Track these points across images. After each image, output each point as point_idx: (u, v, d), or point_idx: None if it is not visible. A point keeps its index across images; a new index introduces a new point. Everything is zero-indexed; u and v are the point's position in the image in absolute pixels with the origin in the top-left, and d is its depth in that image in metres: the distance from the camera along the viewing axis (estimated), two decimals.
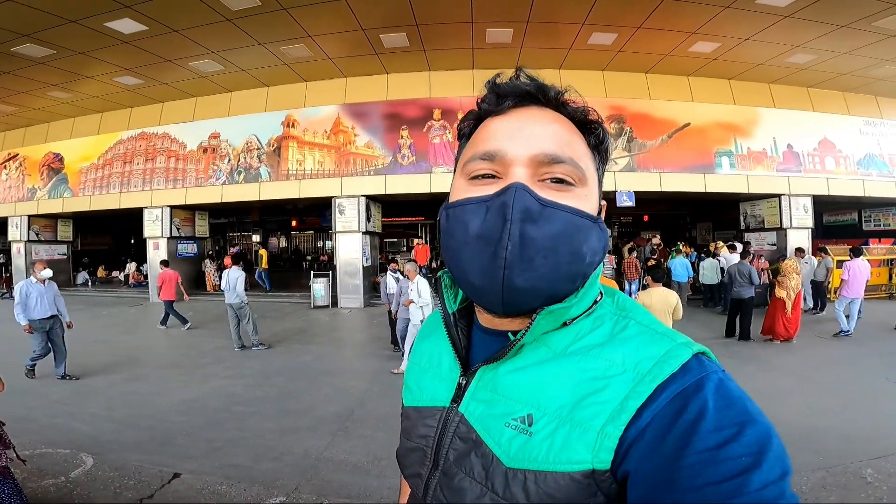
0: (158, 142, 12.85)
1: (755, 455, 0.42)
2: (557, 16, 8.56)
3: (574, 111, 0.61)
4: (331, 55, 10.13)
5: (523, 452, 0.52)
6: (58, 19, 7.95)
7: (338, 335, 8.71)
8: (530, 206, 0.53)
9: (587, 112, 0.62)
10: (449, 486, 0.60)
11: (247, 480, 3.24)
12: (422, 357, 0.76)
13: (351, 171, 11.40)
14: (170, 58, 9.97)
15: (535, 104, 0.60)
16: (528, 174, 0.56)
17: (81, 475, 3.24)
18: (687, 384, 0.48)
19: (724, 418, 0.44)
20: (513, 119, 0.59)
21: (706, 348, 0.54)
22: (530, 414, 0.54)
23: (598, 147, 0.62)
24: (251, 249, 20.54)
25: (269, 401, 4.91)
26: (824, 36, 8.92)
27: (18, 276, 14.49)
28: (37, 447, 3.56)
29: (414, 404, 0.71)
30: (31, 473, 3.16)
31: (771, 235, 11.85)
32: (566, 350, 0.56)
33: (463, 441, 0.60)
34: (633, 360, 0.52)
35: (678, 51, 9.89)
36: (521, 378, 0.57)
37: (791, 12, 8.06)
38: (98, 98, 12.37)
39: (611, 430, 0.48)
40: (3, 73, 10.30)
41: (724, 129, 11.24)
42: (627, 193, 10.80)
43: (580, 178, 0.57)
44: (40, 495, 2.93)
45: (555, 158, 0.55)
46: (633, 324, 0.57)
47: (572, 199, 0.56)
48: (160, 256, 12.50)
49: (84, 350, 6.95)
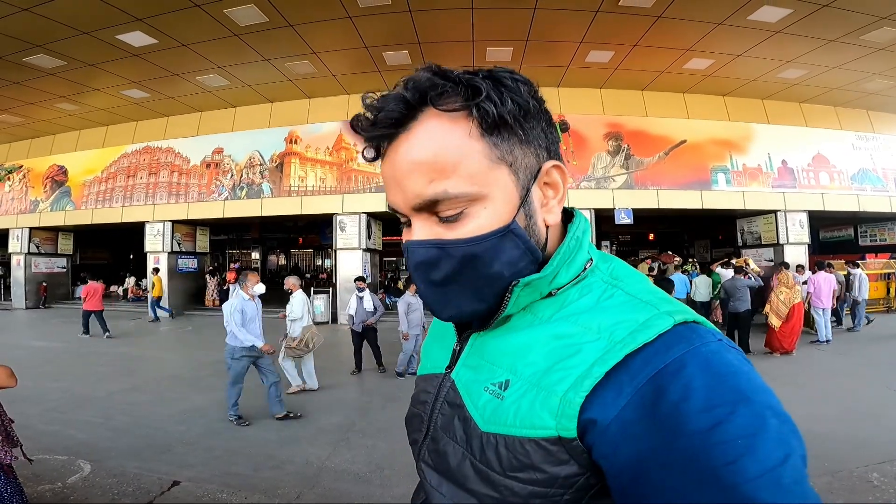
0: (162, 156, 12.94)
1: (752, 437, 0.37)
2: (556, 34, 8.77)
3: (447, 103, 0.51)
4: (334, 72, 10.31)
5: (495, 416, 0.52)
6: (71, 30, 8.10)
7: (338, 350, 8.65)
8: (424, 257, 0.54)
9: (467, 87, 0.51)
10: (435, 450, 0.61)
11: (248, 489, 3.21)
12: (436, 328, 0.78)
13: (352, 187, 11.48)
14: (177, 72, 10.14)
15: (400, 131, 0.53)
16: (422, 221, 0.55)
17: (79, 481, 3.21)
18: (669, 360, 0.44)
19: (716, 396, 0.40)
20: (387, 162, 0.56)
21: (699, 316, 0.50)
22: (508, 379, 0.53)
23: (490, 128, 0.52)
24: (250, 266, 20.50)
25: (268, 412, 4.87)
26: (814, 51, 9.12)
27: (17, 287, 14.48)
28: (33, 453, 3.51)
29: (422, 372, 0.73)
30: (26, 479, 3.12)
31: (768, 251, 11.87)
32: (551, 318, 0.55)
33: (450, 406, 0.60)
34: (609, 326, 0.49)
35: (673, 68, 10.09)
36: (504, 344, 0.57)
37: (782, 27, 8.26)
38: (104, 111, 12.51)
39: (572, 396, 0.46)
40: (12, 84, 10.43)
41: (720, 146, 11.38)
42: (626, 211, 10.86)
43: (470, 201, 0.52)
44: (36, 500, 2.91)
45: (429, 200, 0.52)
46: (621, 293, 0.54)
47: (469, 223, 0.52)
48: (161, 271, 12.57)
49: (81, 361, 6.90)
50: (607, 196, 11.08)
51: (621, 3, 7.62)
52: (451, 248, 0.53)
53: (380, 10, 7.81)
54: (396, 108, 0.52)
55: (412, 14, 7.94)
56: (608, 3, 7.62)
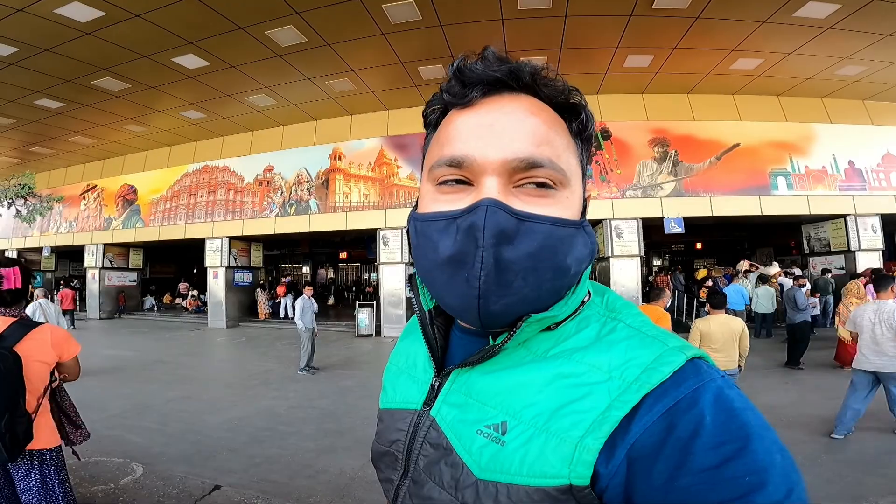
0: (219, 174, 13.73)
1: (760, 473, 0.38)
2: (590, 41, 8.63)
3: (553, 93, 0.54)
4: (373, 88, 10.62)
5: (495, 463, 0.48)
6: (132, 54, 8.75)
7: (381, 363, 8.73)
8: (505, 225, 0.46)
9: (569, 92, 0.54)
10: (418, 494, 0.56)
11: (282, 495, 3.34)
12: (400, 357, 0.72)
13: (394, 202, 11.68)
14: (229, 92, 10.75)
15: (508, 91, 0.52)
16: (501, 183, 0.49)
17: (130, 483, 3.45)
18: (681, 396, 0.43)
19: (724, 433, 0.40)
20: (481, 113, 0.51)
21: (703, 352, 0.49)
22: (504, 421, 0.49)
23: (581, 134, 0.55)
24: (301, 280, 21.27)
25: (310, 421, 5.05)
26: (871, 46, 8.52)
27: (92, 299, 15.72)
28: (92, 455, 3.83)
29: (387, 406, 0.67)
30: (82, 479, 3.41)
31: (838, 259, 10.99)
32: (547, 353, 0.52)
33: (433, 447, 0.55)
34: (620, 365, 0.47)
35: (719, 69, 9.65)
36: (497, 381, 0.52)
37: (831, 23, 7.77)
38: (167, 132, 13.42)
39: (590, 442, 0.43)
40: (84, 107, 11.36)
41: (778, 148, 10.70)
42: (676, 219, 10.38)
43: (561, 181, 0.50)
44: (88, 500, 3.16)
45: (532, 162, 0.48)
46: (622, 326, 0.52)
47: (553, 206, 0.50)
48: (219, 284, 13.38)
49: (145, 369, 7.42)
50: (655, 204, 10.67)
51: (655, 6, 7.40)
52: (538, 224, 0.48)
53: (411, 26, 8.00)
54: (519, 69, 0.52)
55: (443, 28, 8.08)
56: (641, 6, 7.42)
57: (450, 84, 0.54)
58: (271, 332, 12.44)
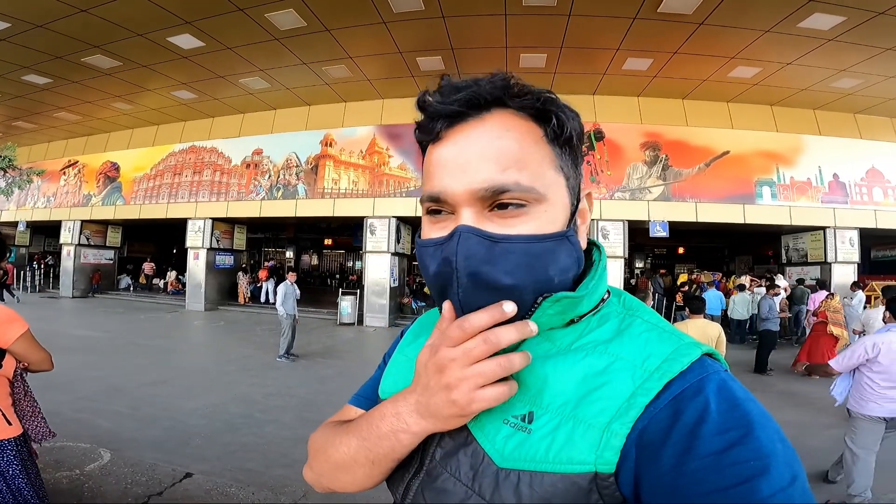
0: (206, 155, 13.50)
1: (763, 459, 0.40)
2: (591, 41, 8.60)
3: (524, 104, 0.54)
4: (369, 76, 10.48)
5: (520, 451, 0.49)
6: (127, 32, 8.54)
7: (362, 352, 8.75)
8: (476, 249, 0.49)
9: (539, 98, 0.54)
10: (431, 486, 0.56)
11: (256, 484, 3.25)
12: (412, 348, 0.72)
13: (384, 191, 11.61)
14: (222, 73, 10.55)
15: (473, 115, 0.53)
16: (475, 211, 0.51)
17: (96, 469, 3.32)
18: (686, 385, 0.46)
19: (729, 420, 0.42)
20: (449, 146, 0.53)
21: (713, 349, 0.52)
22: (531, 412, 0.51)
23: (558, 139, 0.54)
24: (284, 265, 21.03)
25: (288, 410, 4.96)
26: (870, 59, 8.61)
27: (66, 277, 15.31)
28: (58, 440, 3.67)
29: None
30: (46, 465, 3.25)
31: (814, 270, 11.21)
32: (570, 346, 0.54)
33: (451, 438, 0.56)
34: (641, 356, 0.50)
35: (717, 76, 9.71)
36: (523, 373, 0.53)
37: (835, 35, 7.83)
38: (156, 111, 13.17)
39: (617, 427, 0.46)
40: (72, 83, 11.10)
41: (766, 158, 10.84)
42: (661, 223, 10.47)
43: (536, 198, 0.51)
44: (52, 487, 3.01)
45: (497, 189, 0.50)
46: (640, 321, 0.55)
47: (529, 223, 0.51)
48: (200, 266, 13.18)
49: (117, 352, 7.21)
50: (642, 207, 10.75)
51: (661, 10, 7.40)
52: (510, 244, 0.50)
53: (413, 16, 7.90)
54: (476, 93, 0.52)
55: (445, 20, 7.98)
56: (647, 9, 7.40)
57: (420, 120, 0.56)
58: (251, 317, 12.26)
